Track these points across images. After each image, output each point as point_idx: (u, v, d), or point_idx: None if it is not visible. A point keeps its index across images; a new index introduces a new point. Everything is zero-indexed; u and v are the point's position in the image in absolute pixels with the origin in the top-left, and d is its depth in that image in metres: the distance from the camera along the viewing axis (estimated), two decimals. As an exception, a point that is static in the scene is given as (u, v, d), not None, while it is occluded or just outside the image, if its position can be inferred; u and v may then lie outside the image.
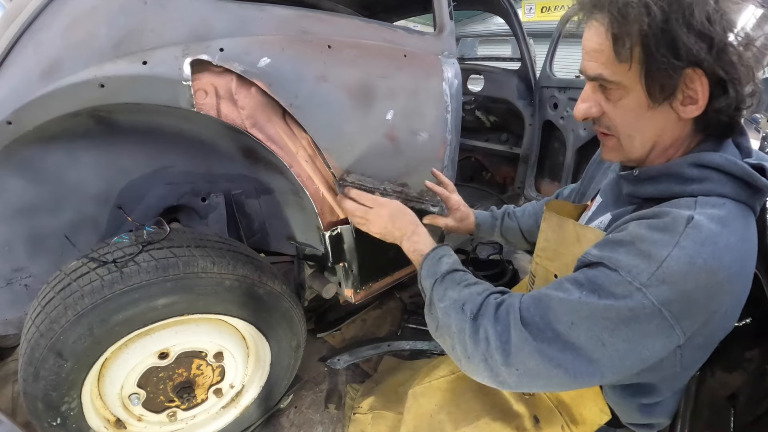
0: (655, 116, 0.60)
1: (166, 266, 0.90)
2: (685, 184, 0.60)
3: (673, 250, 0.52)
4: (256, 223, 1.34)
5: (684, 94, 0.56)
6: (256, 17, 0.94)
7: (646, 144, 0.63)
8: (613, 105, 0.62)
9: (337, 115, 1.07)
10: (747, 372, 0.86)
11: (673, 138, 0.62)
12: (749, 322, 0.91)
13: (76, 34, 0.78)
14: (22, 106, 0.76)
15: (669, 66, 0.54)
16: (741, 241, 0.56)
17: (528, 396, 0.87)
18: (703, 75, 0.54)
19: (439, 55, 1.33)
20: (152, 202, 1.11)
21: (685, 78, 0.55)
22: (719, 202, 0.57)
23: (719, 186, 0.58)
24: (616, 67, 0.58)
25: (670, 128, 0.61)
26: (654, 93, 0.57)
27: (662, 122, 0.60)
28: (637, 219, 0.60)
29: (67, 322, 0.83)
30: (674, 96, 0.57)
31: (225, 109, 0.91)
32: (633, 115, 0.61)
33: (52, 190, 0.95)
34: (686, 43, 0.52)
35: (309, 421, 1.33)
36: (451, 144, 1.40)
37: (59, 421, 0.91)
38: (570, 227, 0.76)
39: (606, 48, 0.58)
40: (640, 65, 0.56)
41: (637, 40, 0.55)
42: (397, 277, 1.47)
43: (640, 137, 0.63)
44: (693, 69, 0.54)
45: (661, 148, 0.64)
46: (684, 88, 0.56)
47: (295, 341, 1.19)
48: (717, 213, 0.55)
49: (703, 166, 0.59)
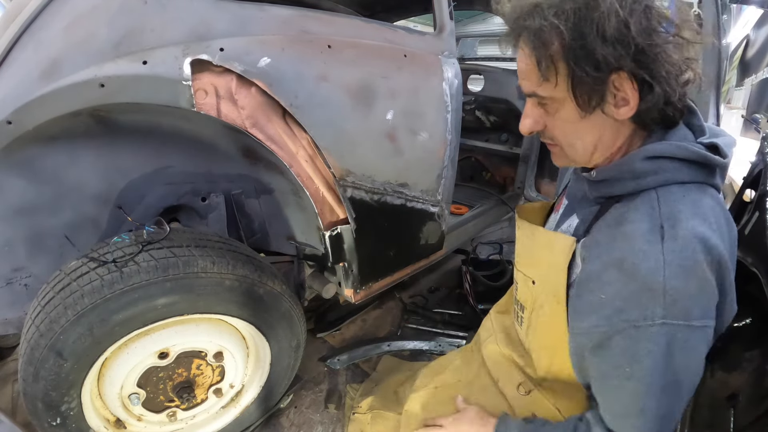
0: (591, 123, 0.62)
1: (166, 266, 0.90)
2: (640, 178, 0.61)
3: (666, 270, 0.54)
4: (256, 223, 1.34)
5: (616, 97, 0.59)
6: (256, 17, 0.94)
7: (587, 148, 0.65)
8: (552, 117, 0.65)
9: (337, 115, 1.07)
10: (747, 372, 0.86)
11: (615, 138, 0.64)
12: (749, 322, 0.91)
13: (76, 34, 0.78)
14: (22, 106, 0.76)
15: (591, 77, 0.56)
16: (713, 220, 0.58)
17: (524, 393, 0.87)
18: (627, 77, 0.56)
19: (439, 55, 1.33)
20: (152, 202, 1.11)
21: (613, 83, 0.57)
22: (679, 192, 0.59)
23: (675, 174, 0.60)
24: (545, 85, 0.61)
25: (609, 130, 0.63)
26: (583, 103, 0.59)
27: (599, 127, 0.63)
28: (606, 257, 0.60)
29: (67, 322, 0.83)
30: (605, 101, 0.59)
31: (225, 108, 0.91)
32: (570, 125, 0.64)
33: (52, 190, 0.95)
34: (603, 53, 0.54)
35: (309, 421, 1.33)
36: (451, 144, 1.40)
37: (59, 420, 0.91)
38: (540, 235, 0.78)
39: (532, 68, 0.61)
40: (565, 80, 0.59)
41: (558, 58, 0.58)
42: (397, 277, 1.47)
43: (580, 143, 0.65)
44: (617, 74, 0.56)
45: (604, 149, 0.65)
46: (614, 91, 0.58)
47: (295, 341, 1.19)
48: (681, 209, 0.57)
49: (654, 158, 0.61)
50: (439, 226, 1.51)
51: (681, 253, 0.54)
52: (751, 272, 0.84)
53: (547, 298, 0.76)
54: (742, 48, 3.70)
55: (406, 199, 1.34)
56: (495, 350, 0.95)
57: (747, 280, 0.87)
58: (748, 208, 0.94)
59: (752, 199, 0.97)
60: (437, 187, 1.43)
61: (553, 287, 0.73)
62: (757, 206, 0.91)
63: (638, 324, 0.55)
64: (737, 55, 3.78)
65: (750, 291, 0.87)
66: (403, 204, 1.33)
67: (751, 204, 0.94)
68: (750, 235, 0.89)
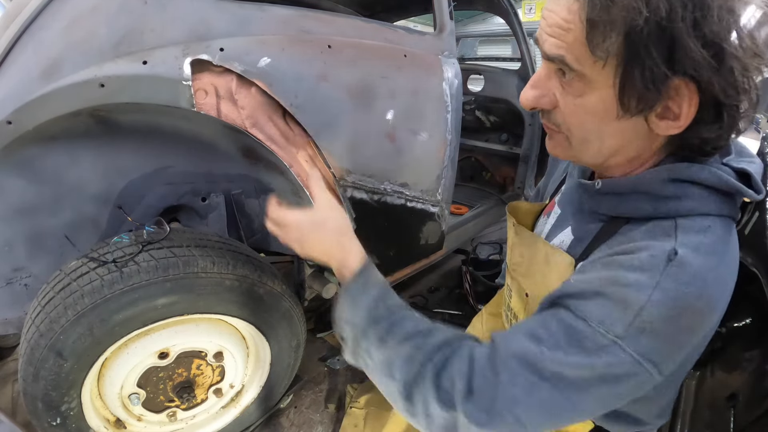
0: (623, 125, 0.48)
1: (166, 266, 0.90)
2: (660, 202, 0.50)
3: (654, 294, 0.43)
4: (256, 223, 1.34)
5: (664, 105, 0.45)
6: (256, 17, 0.94)
7: (603, 152, 0.52)
8: (572, 100, 0.49)
9: (337, 115, 1.07)
10: (747, 372, 0.86)
11: (640, 150, 0.52)
12: (749, 322, 0.91)
13: (76, 34, 0.78)
14: (22, 106, 0.76)
15: (657, 74, 0.41)
16: (730, 264, 0.49)
17: None
18: (695, 91, 0.43)
19: (440, 55, 1.33)
20: (152, 202, 1.11)
21: (672, 89, 0.43)
22: (704, 224, 0.48)
23: (702, 204, 0.49)
24: (585, 57, 0.44)
25: (639, 140, 0.50)
26: (628, 102, 0.45)
27: (630, 133, 0.49)
28: (606, 256, 0.50)
29: (67, 322, 0.83)
30: (653, 108, 0.45)
31: (225, 108, 0.91)
32: (594, 119, 0.49)
33: (52, 190, 0.95)
34: (690, 49, 0.40)
35: (309, 421, 1.33)
36: (451, 144, 1.40)
37: (59, 420, 0.91)
38: (540, 247, 0.68)
39: (576, 29, 0.44)
40: (617, 64, 0.43)
41: (621, 32, 0.41)
42: (397, 277, 1.47)
43: (598, 144, 0.51)
44: (686, 81, 0.42)
45: (622, 158, 0.53)
46: (666, 99, 0.44)
47: (295, 341, 1.19)
48: (703, 241, 0.46)
49: (682, 181, 0.49)
50: (439, 226, 1.51)
51: (682, 287, 0.44)
52: (751, 272, 0.84)
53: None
54: (742, 48, 3.70)
55: (406, 199, 1.34)
56: None
57: (747, 280, 0.87)
58: (748, 208, 0.94)
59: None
60: (437, 187, 1.43)
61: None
62: (757, 206, 0.91)
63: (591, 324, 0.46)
64: (737, 55, 3.78)
65: (750, 291, 0.87)
66: (403, 204, 1.33)
67: (751, 204, 0.94)
68: (750, 235, 0.89)
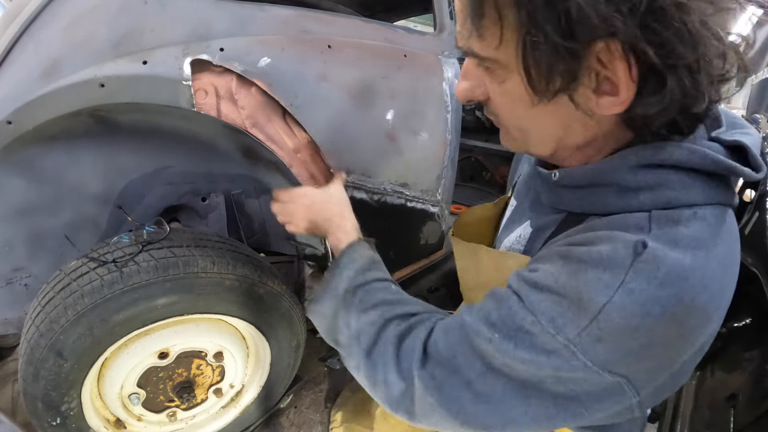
0: (552, 109, 0.39)
1: (166, 266, 0.90)
2: (629, 195, 0.41)
3: (615, 295, 0.35)
4: (256, 223, 1.34)
5: (598, 78, 0.36)
6: (256, 17, 0.94)
7: (546, 141, 0.44)
8: (496, 88, 0.42)
9: (337, 115, 1.07)
10: (747, 372, 0.86)
11: (588, 136, 0.42)
12: (749, 322, 0.91)
13: (76, 34, 0.78)
14: (22, 106, 0.76)
15: (559, 43, 0.33)
16: (725, 261, 0.39)
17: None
18: (622, 54, 0.33)
19: (440, 55, 1.33)
20: (152, 202, 1.11)
21: (597, 56, 0.34)
22: (686, 215, 0.38)
23: (683, 193, 0.39)
24: (481, 41, 0.38)
25: (580, 124, 0.41)
26: (539, 82, 0.36)
27: (565, 117, 0.40)
28: (564, 246, 0.42)
29: (67, 322, 0.83)
30: (576, 84, 0.35)
31: (225, 108, 0.91)
32: (521, 106, 0.41)
33: (52, 190, 0.95)
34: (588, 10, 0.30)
35: (309, 421, 1.32)
36: (451, 144, 1.40)
37: (59, 420, 0.91)
38: (483, 255, 0.60)
39: (465, 11, 0.38)
40: (515, 41, 0.36)
41: (506, 3, 0.34)
42: (396, 277, 1.47)
43: (536, 133, 0.44)
44: (606, 43, 0.33)
45: (570, 146, 0.44)
46: (597, 68, 0.35)
47: (295, 341, 1.19)
48: (684, 233, 0.37)
49: (655, 166, 0.39)
50: (439, 226, 1.51)
51: (653, 288, 0.34)
52: (751, 272, 0.84)
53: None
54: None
55: (406, 199, 1.34)
56: None
57: (747, 280, 0.87)
58: (748, 208, 0.94)
59: (752, 199, 0.97)
60: (437, 187, 1.43)
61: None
62: (757, 206, 0.91)
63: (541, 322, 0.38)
64: (737, 55, 3.78)
65: (750, 291, 0.87)
66: (403, 204, 1.33)
67: (751, 204, 0.94)
68: (750, 235, 0.89)
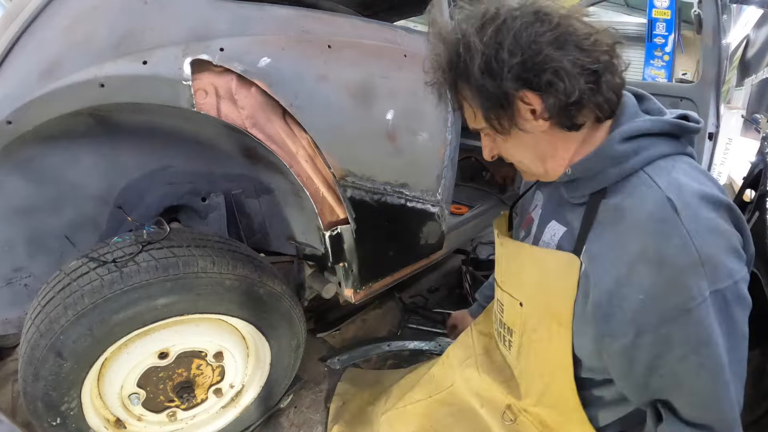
0: (519, 141, 0.65)
1: (165, 266, 0.90)
2: (623, 162, 0.59)
3: (695, 242, 0.51)
4: (256, 223, 1.34)
5: (529, 111, 0.60)
6: (256, 17, 0.94)
7: (535, 163, 0.67)
8: (498, 144, 0.69)
9: (337, 114, 1.07)
10: (747, 372, 0.86)
11: (555, 148, 0.65)
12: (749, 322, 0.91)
13: (76, 34, 0.78)
14: (22, 106, 0.76)
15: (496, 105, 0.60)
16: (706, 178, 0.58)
17: (509, 421, 0.83)
18: (529, 92, 0.58)
19: (439, 55, 1.33)
20: (152, 202, 1.11)
21: (519, 100, 0.59)
22: (668, 164, 0.58)
23: (656, 149, 0.59)
24: (471, 120, 0.68)
25: (543, 143, 0.64)
26: (500, 127, 0.63)
27: (531, 143, 0.65)
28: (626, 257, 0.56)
29: (67, 322, 0.83)
30: (516, 120, 0.61)
31: (225, 108, 0.91)
32: (509, 147, 0.68)
33: (52, 189, 0.95)
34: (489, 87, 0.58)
35: (309, 421, 1.32)
36: (451, 144, 1.40)
37: (59, 420, 0.91)
38: (526, 252, 0.75)
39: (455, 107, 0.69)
40: (481, 114, 0.64)
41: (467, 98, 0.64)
42: (397, 277, 1.47)
43: (526, 161, 0.68)
44: (518, 93, 0.58)
45: (557, 158, 0.65)
46: (524, 106, 0.60)
47: (295, 341, 1.19)
48: (677, 177, 0.56)
49: (631, 138, 0.59)
50: (439, 226, 1.51)
51: (699, 217, 0.53)
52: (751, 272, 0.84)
53: (541, 321, 0.71)
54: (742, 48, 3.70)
55: (406, 199, 1.34)
56: (475, 375, 0.90)
57: (747, 280, 0.87)
58: (748, 208, 0.94)
59: (752, 199, 0.97)
60: (437, 187, 1.43)
61: (551, 309, 0.68)
62: (757, 206, 0.91)
63: (689, 306, 0.52)
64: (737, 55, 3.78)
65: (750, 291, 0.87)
66: (403, 204, 1.33)
67: (751, 204, 0.94)
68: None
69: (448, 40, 0.62)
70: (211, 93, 0.89)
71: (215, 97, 0.89)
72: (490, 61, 0.57)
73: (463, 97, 0.65)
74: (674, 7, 5.73)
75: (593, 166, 0.62)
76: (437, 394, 0.96)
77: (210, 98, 0.89)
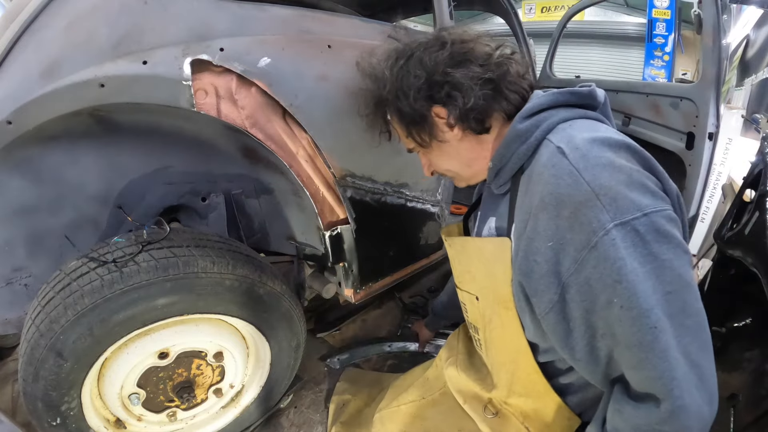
0: (441, 150, 0.74)
1: (165, 266, 0.90)
2: (528, 138, 0.63)
3: (585, 176, 0.52)
4: (256, 223, 1.34)
5: (444, 124, 0.70)
6: (256, 17, 0.94)
7: (464, 168, 0.76)
8: (429, 159, 0.80)
9: (337, 114, 1.07)
10: (747, 372, 0.86)
11: (476, 148, 0.73)
12: (749, 322, 0.91)
13: (77, 34, 0.78)
14: (22, 106, 0.76)
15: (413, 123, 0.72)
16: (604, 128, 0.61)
17: (492, 415, 0.84)
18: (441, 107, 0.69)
19: (439, 55, 1.33)
20: (152, 202, 1.11)
21: (432, 115, 0.70)
22: (565, 126, 0.61)
23: (555, 117, 0.62)
24: (403, 141, 0.80)
25: (464, 148, 0.73)
26: (422, 141, 0.74)
27: (452, 150, 0.74)
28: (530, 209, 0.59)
29: (67, 322, 0.83)
30: (434, 132, 0.72)
31: (225, 108, 0.91)
32: (435, 159, 0.78)
33: (52, 190, 0.95)
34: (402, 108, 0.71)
35: (309, 421, 1.32)
36: (451, 144, 1.40)
37: (59, 420, 0.91)
38: (470, 244, 0.79)
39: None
40: (404, 132, 0.76)
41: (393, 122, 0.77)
42: (397, 277, 1.47)
43: (455, 168, 0.77)
44: (429, 110, 0.69)
45: (480, 159, 0.73)
46: (438, 120, 0.70)
47: (295, 341, 1.19)
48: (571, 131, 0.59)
49: (531, 115, 0.64)
50: (439, 226, 1.51)
51: (589, 156, 0.54)
52: (751, 272, 0.84)
53: (494, 310, 0.73)
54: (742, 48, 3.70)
55: (406, 199, 1.34)
56: (455, 374, 0.93)
57: (747, 280, 0.87)
58: (748, 208, 0.94)
59: (752, 199, 0.97)
60: (437, 187, 1.43)
61: (496, 295, 0.70)
62: (757, 206, 0.91)
63: (593, 241, 0.51)
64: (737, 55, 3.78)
65: (750, 291, 0.87)
66: (403, 204, 1.33)
67: (751, 204, 0.94)
68: (750, 235, 0.89)
69: (371, 75, 0.75)
70: (211, 93, 0.89)
71: (215, 97, 0.89)
72: (402, 86, 0.69)
73: (390, 122, 0.77)
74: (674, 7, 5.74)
75: (506, 152, 0.66)
76: (430, 395, 0.98)
77: (210, 98, 0.89)
